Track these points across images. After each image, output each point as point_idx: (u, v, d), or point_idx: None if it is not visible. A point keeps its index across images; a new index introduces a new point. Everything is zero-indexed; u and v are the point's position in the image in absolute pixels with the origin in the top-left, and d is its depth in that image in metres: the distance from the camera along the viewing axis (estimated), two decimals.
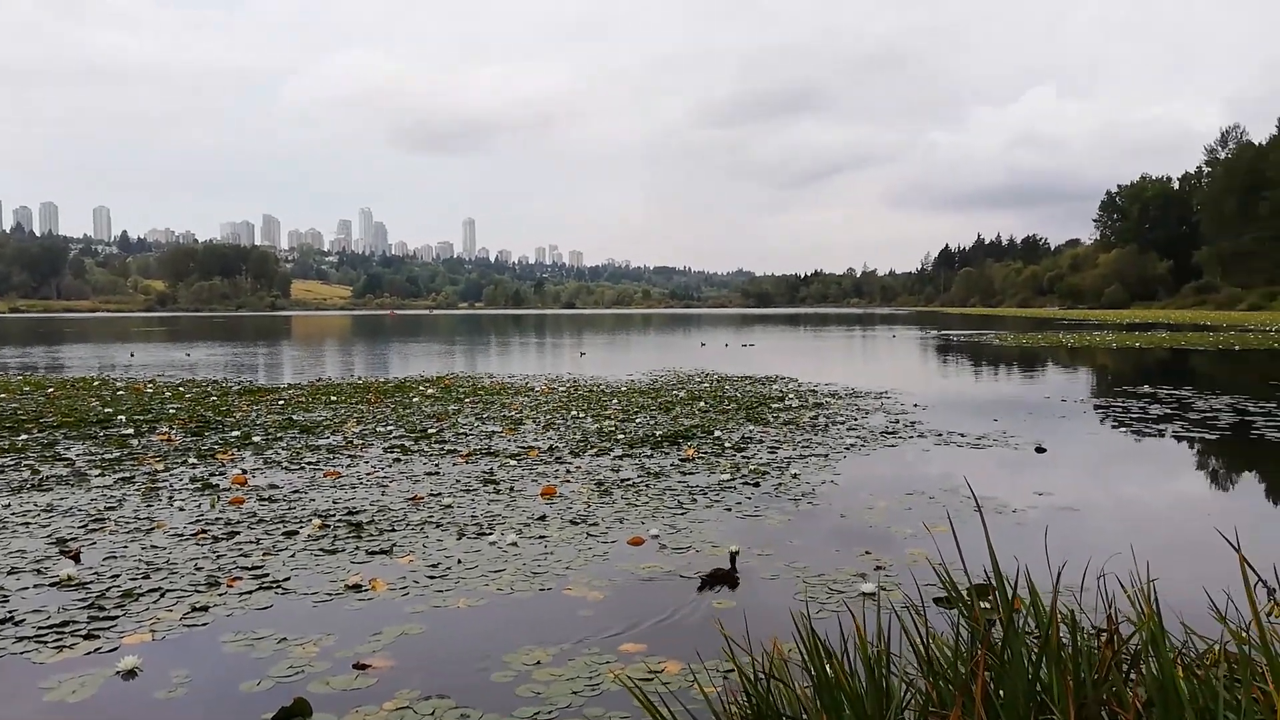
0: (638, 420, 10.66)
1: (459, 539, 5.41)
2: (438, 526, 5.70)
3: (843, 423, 10.43)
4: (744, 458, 8.13)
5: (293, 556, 5.07)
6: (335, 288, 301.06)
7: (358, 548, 5.24)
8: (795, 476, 7.26)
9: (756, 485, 6.94)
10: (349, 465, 7.87)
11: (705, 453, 8.39)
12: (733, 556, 4.75)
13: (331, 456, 8.32)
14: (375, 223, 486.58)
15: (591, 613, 4.14)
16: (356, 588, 4.51)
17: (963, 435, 9.44)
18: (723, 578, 4.58)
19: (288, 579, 4.66)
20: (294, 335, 47.96)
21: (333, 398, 13.33)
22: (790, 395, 13.35)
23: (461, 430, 9.94)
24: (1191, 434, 9.50)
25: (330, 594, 4.43)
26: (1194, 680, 2.40)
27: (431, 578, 4.67)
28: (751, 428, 10.02)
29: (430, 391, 14.22)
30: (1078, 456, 8.55)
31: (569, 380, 16.63)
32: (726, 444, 8.85)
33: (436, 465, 7.83)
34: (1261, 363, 20.75)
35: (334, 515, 6.01)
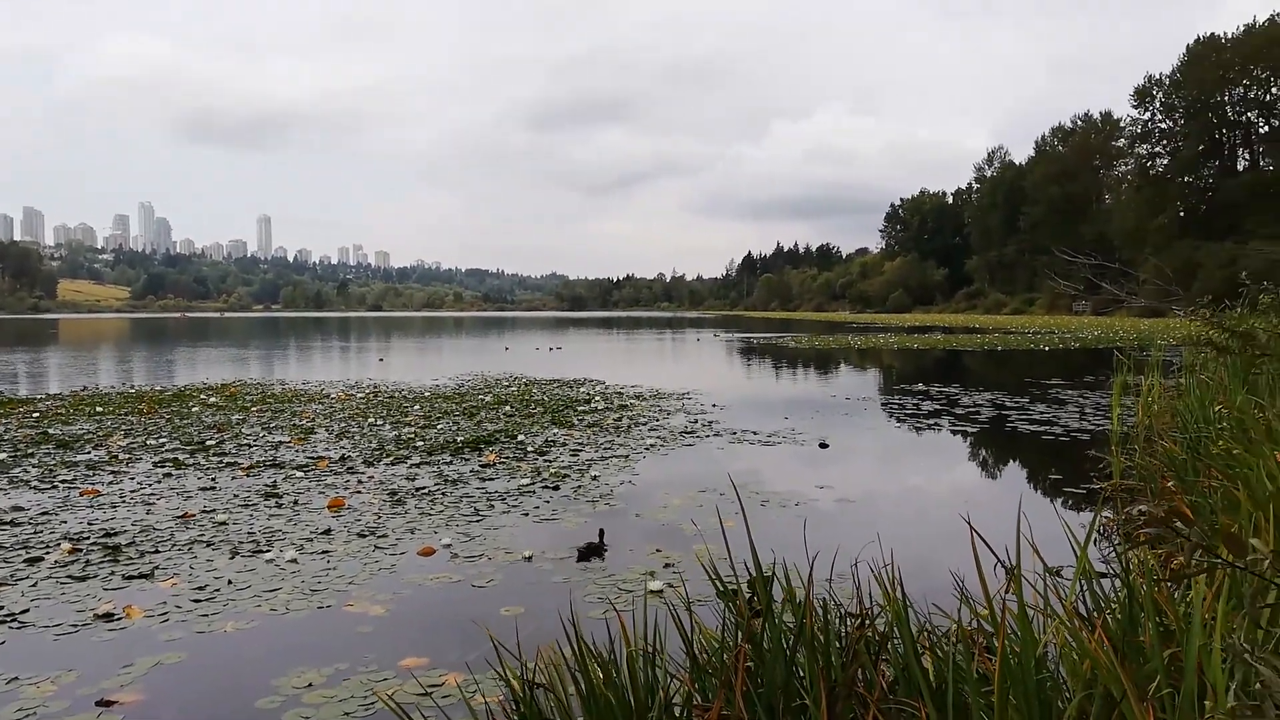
0: (439, 426, 10.40)
1: (232, 558, 5.05)
2: (209, 546, 5.30)
3: (645, 424, 10.62)
4: (546, 461, 8.10)
5: (34, 585, 4.55)
6: (110, 288, 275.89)
7: (113, 572, 4.78)
8: (595, 478, 7.31)
9: (556, 489, 6.93)
10: (111, 482, 7.18)
11: (507, 458, 8.29)
12: (601, 533, 5.36)
13: (91, 473, 7.57)
14: (157, 219, 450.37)
15: (372, 629, 3.96)
16: (108, 616, 4.10)
17: (755, 433, 9.85)
18: (595, 550, 5.13)
19: (25, 611, 4.18)
20: (61, 340, 43.40)
21: (99, 409, 12.15)
22: (597, 398, 13.46)
23: (245, 441, 9.32)
24: (956, 428, 10.37)
25: (76, 625, 4.01)
26: (936, 657, 2.60)
27: (197, 601, 4.32)
28: (556, 431, 10.01)
29: (213, 400, 13.25)
30: (857, 451, 9.13)
31: (369, 386, 16.00)
32: (529, 448, 8.79)
33: (213, 479, 7.29)
34: (1019, 361, 23.03)
35: (88, 538, 5.45)
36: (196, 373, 20.35)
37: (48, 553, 5.13)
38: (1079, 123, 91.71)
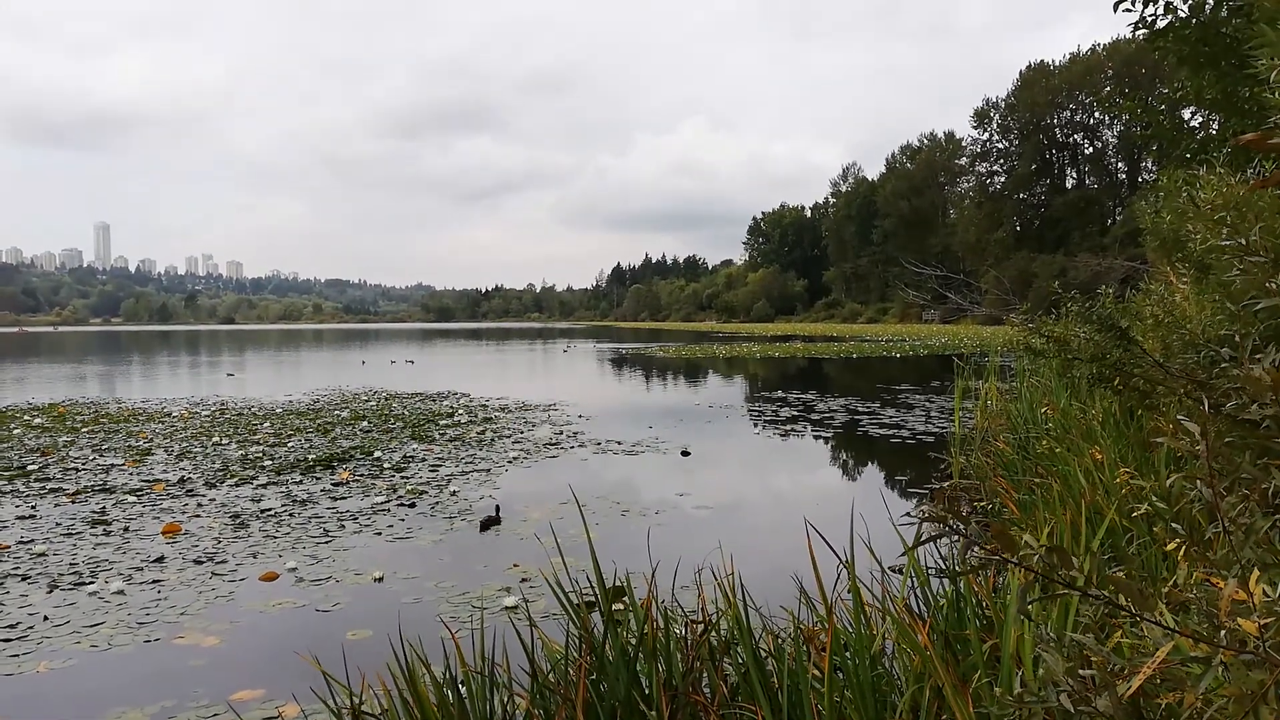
0: (290, 444, 9.95)
1: (50, 592, 4.66)
2: (24, 579, 4.88)
3: (509, 437, 10.49)
4: (403, 478, 7.87)
5: None
6: None
7: None
8: (455, 494, 7.15)
9: (412, 506, 6.74)
10: None
11: (361, 475, 8.01)
12: (497, 507, 6.35)
13: None
14: None
15: (204, 661, 3.73)
16: None
17: (620, 443, 9.89)
18: (493, 521, 6.06)
19: None
20: None
21: None
22: (461, 411, 13.21)
23: (72, 465, 8.65)
24: (813, 433, 10.72)
25: None
26: (776, 659, 2.65)
27: (7, 640, 3.96)
28: (415, 446, 9.76)
29: (38, 421, 12.25)
30: (717, 458, 9.29)
31: (216, 403, 15.17)
32: (386, 464, 8.53)
33: (33, 507, 6.73)
34: (872, 368, 24.07)
35: None
36: (24, 391, 18.78)
37: None
38: (925, 141, 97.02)
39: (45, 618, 4.26)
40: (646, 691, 2.43)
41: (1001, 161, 79.93)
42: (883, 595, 2.96)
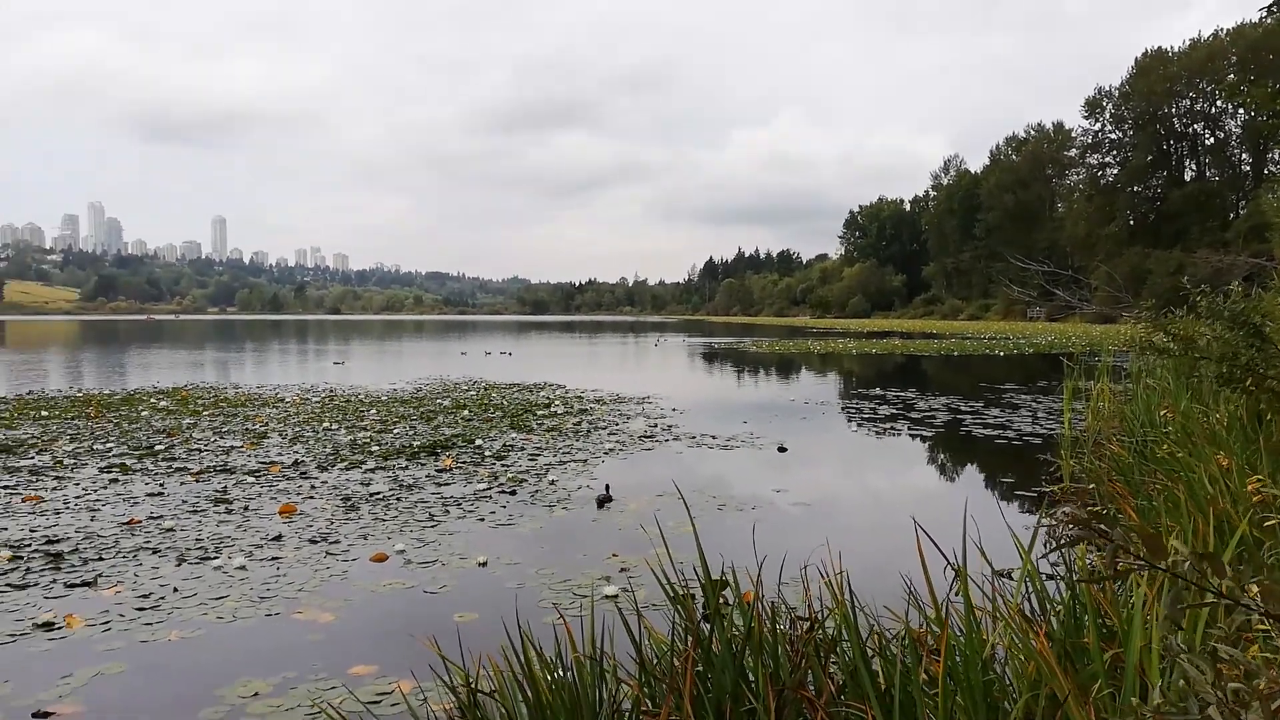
0: (396, 431, 10.28)
1: (178, 565, 4.94)
2: (155, 553, 5.18)
3: (604, 428, 10.60)
4: (504, 466, 8.04)
5: None
6: (59, 290, 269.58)
7: (54, 581, 4.65)
8: (553, 483, 7.27)
9: (513, 493, 6.88)
10: (55, 488, 7.00)
11: (464, 462, 8.22)
12: (607, 487, 6.73)
13: (35, 479, 7.37)
14: (108, 219, 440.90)
15: (321, 636, 3.90)
16: (48, 626, 3.99)
17: (714, 437, 9.88)
18: (607, 500, 6.52)
19: None
20: (7, 343, 42.28)
21: (44, 413, 11.83)
22: (557, 402, 13.41)
23: (195, 446, 9.14)
24: (913, 431, 10.49)
25: (14, 635, 3.90)
26: (884, 660, 2.61)
27: (140, 609, 4.22)
28: (514, 435, 9.95)
29: (164, 404, 12.98)
30: (814, 455, 9.19)
31: (325, 390, 15.79)
32: (487, 453, 8.73)
33: (161, 485, 7.14)
34: (974, 366, 23.38)
35: (29, 545, 5.31)
36: (148, 376, 19.93)
37: None
38: (1032, 132, 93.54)
39: (175, 589, 4.52)
40: (753, 685, 2.44)
41: (1114, 153, 76.36)
42: (993, 598, 2.89)
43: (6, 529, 5.72)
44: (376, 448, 9.00)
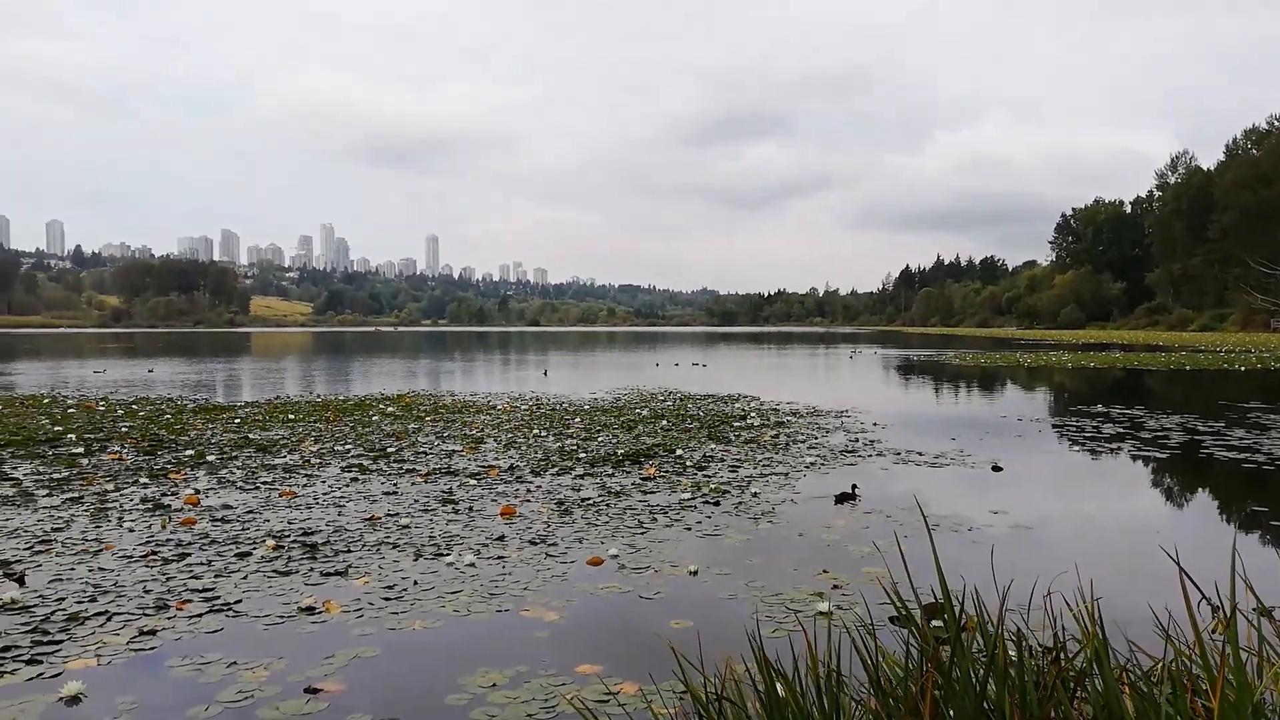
0: (599, 439, 10.64)
1: (416, 560, 5.35)
2: (394, 547, 5.64)
3: (803, 441, 10.50)
4: (705, 476, 8.14)
5: (245, 579, 4.98)
6: (295, 304, 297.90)
7: (312, 569, 5.16)
8: (755, 495, 7.29)
9: (717, 504, 6.95)
10: (305, 485, 7.76)
11: (666, 471, 8.39)
12: (853, 486, 7.15)
13: (288, 476, 8.20)
14: (337, 239, 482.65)
15: (548, 634, 4.11)
16: (310, 610, 4.44)
17: (921, 454, 9.55)
18: (848, 497, 6.91)
19: (239, 601, 4.58)
20: (253, 352, 47.25)
21: (290, 416, 13.15)
22: (752, 414, 13.42)
23: (421, 449, 9.86)
24: (1143, 453, 9.69)
25: (282, 616, 4.36)
26: (1138, 697, 2.45)
27: (387, 599, 4.61)
28: (713, 446, 10.05)
29: (390, 410, 14.09)
30: (1033, 475, 8.68)
31: (531, 399, 16.57)
32: (688, 463, 8.87)
33: (395, 485, 7.75)
34: (1210, 383, 21.26)
35: (288, 536, 5.92)
36: (371, 384, 21.67)
37: (254, 549, 5.60)
38: (1275, 124, 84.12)
39: (415, 582, 4.90)
40: (990, 715, 2.35)
41: None
42: (1258, 640, 2.64)
43: (269, 521, 6.40)
44: (583, 454, 9.35)
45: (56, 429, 11.42)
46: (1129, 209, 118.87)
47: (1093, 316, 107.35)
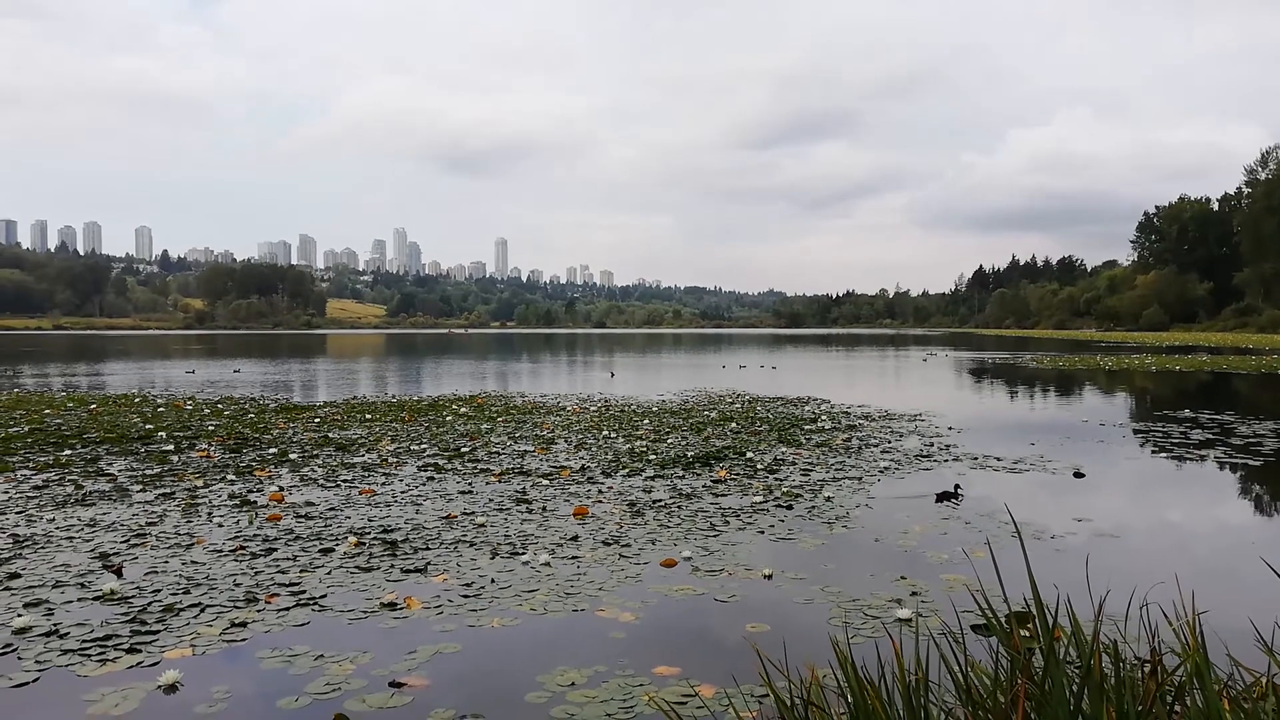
0: (669, 441, 10.65)
1: (492, 558, 5.44)
2: (471, 545, 5.74)
3: (876, 445, 10.35)
4: (776, 479, 8.09)
5: (329, 574, 5.12)
6: (369, 306, 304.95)
7: (393, 565, 5.28)
8: (829, 499, 7.21)
9: (789, 508, 6.90)
10: (384, 483, 7.95)
11: (737, 474, 8.36)
12: (956, 485, 7.31)
13: (367, 474, 8.41)
14: (409, 243, 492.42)
15: (624, 634, 4.13)
16: (392, 606, 4.54)
17: (999, 459, 9.33)
18: (950, 495, 7.08)
19: (324, 596, 4.71)
20: (329, 353, 48.53)
21: (367, 416, 13.47)
22: (823, 417, 13.28)
23: (494, 449, 10.00)
24: (1235, 460, 9.31)
25: (366, 611, 4.47)
26: (1240, 714, 2.36)
27: (465, 596, 4.69)
28: (784, 449, 9.97)
29: (463, 410, 14.32)
30: (1117, 481, 8.41)
31: (600, 400, 16.67)
32: (759, 465, 8.82)
33: (470, 484, 7.88)
34: None
35: (369, 533, 6.06)
36: (443, 385, 22.06)
37: (337, 545, 5.76)
38: None
39: (492, 580, 4.98)
40: None
41: None
42: None
43: (350, 518, 6.57)
44: (653, 456, 9.37)
45: (148, 427, 11.90)
46: (1216, 206, 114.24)
47: (1177, 318, 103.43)
